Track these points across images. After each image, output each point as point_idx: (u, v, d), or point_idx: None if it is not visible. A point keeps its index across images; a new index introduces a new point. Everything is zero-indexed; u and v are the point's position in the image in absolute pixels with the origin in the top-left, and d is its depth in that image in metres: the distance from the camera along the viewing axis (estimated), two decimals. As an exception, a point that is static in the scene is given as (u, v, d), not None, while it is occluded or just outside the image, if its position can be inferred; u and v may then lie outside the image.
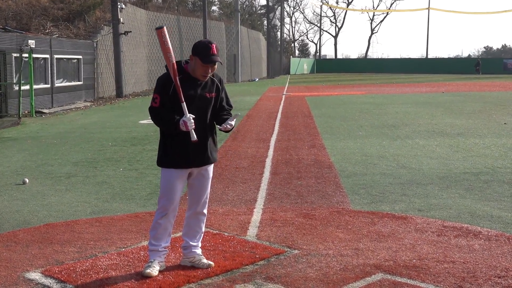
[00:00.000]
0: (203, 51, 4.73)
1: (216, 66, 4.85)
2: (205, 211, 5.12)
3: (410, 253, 5.40)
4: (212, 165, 5.07)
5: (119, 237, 5.97)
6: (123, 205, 7.42)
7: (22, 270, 5.01)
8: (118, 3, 29.60)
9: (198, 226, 5.09)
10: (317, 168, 9.73)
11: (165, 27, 4.85)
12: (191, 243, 5.05)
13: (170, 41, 4.91)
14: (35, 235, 6.08)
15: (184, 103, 4.70)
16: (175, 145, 4.83)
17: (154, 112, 4.81)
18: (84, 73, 27.46)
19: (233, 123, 4.88)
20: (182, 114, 4.72)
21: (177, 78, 4.72)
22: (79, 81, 27.06)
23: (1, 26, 23.07)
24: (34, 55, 21.10)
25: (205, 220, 5.16)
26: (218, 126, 4.93)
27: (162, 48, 4.83)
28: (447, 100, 26.08)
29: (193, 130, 4.70)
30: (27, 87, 20.25)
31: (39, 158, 11.22)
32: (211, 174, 5.07)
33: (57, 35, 27.42)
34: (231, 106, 5.11)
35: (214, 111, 4.98)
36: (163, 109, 4.78)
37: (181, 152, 4.81)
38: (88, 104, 26.12)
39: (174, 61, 4.77)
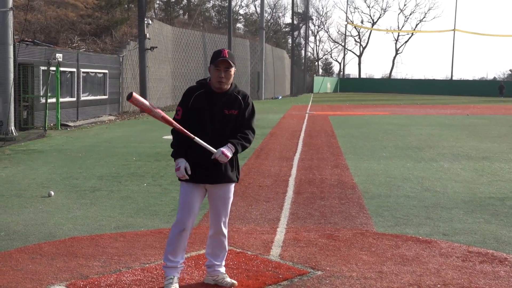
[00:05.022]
0: (214, 56, 4.83)
1: (231, 72, 4.80)
2: (225, 231, 5.02)
3: (435, 277, 5.35)
4: (232, 185, 4.99)
5: (143, 252, 6.01)
6: (147, 221, 7.46)
7: (48, 283, 5.06)
8: (145, 19, 29.97)
9: (222, 247, 5.05)
10: (340, 189, 9.70)
11: (134, 93, 4.70)
12: (215, 262, 5.04)
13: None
14: (60, 248, 6.14)
15: (196, 138, 4.72)
16: (191, 159, 4.82)
17: (176, 126, 4.82)
18: (110, 87, 27.77)
19: (228, 154, 4.75)
20: (198, 130, 4.77)
21: (178, 125, 4.75)
22: (104, 95, 27.36)
23: (30, 40, 23.43)
24: (61, 69, 21.38)
25: (226, 241, 5.09)
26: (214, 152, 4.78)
27: (144, 110, 4.79)
28: (472, 122, 25.88)
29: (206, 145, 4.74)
30: (54, 100, 20.53)
31: (64, 171, 11.34)
32: (230, 195, 4.99)
33: (84, 49, 27.80)
34: (250, 128, 4.95)
35: (236, 128, 4.91)
36: (183, 125, 4.79)
37: (195, 166, 4.80)
38: (113, 118, 26.37)
39: (163, 114, 4.77)
